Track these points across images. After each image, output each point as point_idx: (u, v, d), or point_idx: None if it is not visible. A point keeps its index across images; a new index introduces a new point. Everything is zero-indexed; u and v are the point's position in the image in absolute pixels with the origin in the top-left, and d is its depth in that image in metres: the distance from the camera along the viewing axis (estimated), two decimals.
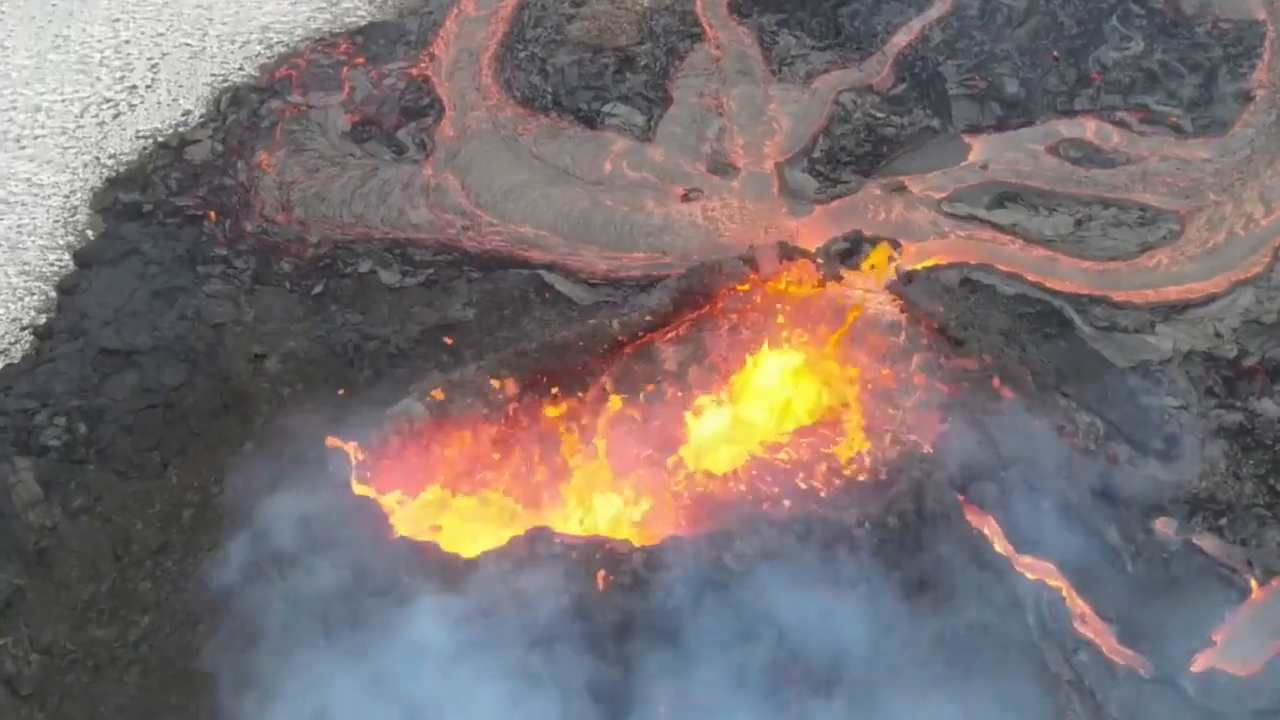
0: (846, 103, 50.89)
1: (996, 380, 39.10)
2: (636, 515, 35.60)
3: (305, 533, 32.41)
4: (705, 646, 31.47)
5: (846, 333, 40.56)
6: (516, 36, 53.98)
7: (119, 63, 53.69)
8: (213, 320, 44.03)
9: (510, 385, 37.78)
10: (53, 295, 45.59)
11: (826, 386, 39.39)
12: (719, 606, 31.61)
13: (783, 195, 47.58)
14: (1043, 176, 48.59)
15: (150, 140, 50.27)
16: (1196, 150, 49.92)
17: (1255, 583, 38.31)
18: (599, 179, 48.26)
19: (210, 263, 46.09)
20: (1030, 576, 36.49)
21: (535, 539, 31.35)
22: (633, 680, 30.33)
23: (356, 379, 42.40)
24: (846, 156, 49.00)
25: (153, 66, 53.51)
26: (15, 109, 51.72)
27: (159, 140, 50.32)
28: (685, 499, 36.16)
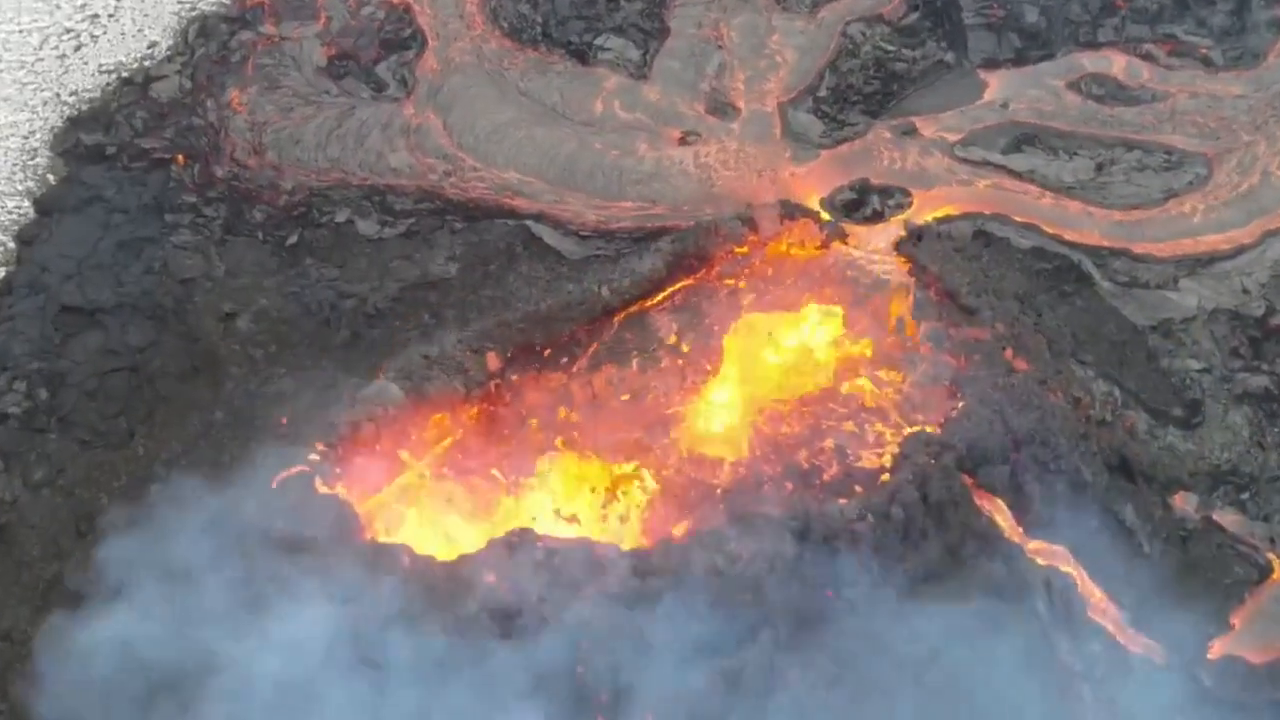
0: (855, 34, 47.72)
1: (1009, 352, 36.68)
2: (625, 506, 33.41)
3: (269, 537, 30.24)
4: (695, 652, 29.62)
5: (851, 299, 37.92)
6: None
7: None
8: (181, 275, 41.60)
9: (493, 359, 35.35)
10: (11, 246, 43.13)
11: (829, 357, 36.93)
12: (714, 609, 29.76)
13: (786, 139, 44.71)
14: (1064, 116, 45.72)
15: (114, 75, 47.30)
16: (1228, 85, 47.01)
17: (1277, 561, 36.47)
18: (589, 120, 45.39)
19: (178, 211, 43.47)
20: (1041, 562, 34.52)
21: (517, 544, 29.16)
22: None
23: (332, 340, 40.14)
24: (854, 95, 46.05)
25: None
26: None
27: (123, 76, 47.34)
28: (678, 482, 33.97)
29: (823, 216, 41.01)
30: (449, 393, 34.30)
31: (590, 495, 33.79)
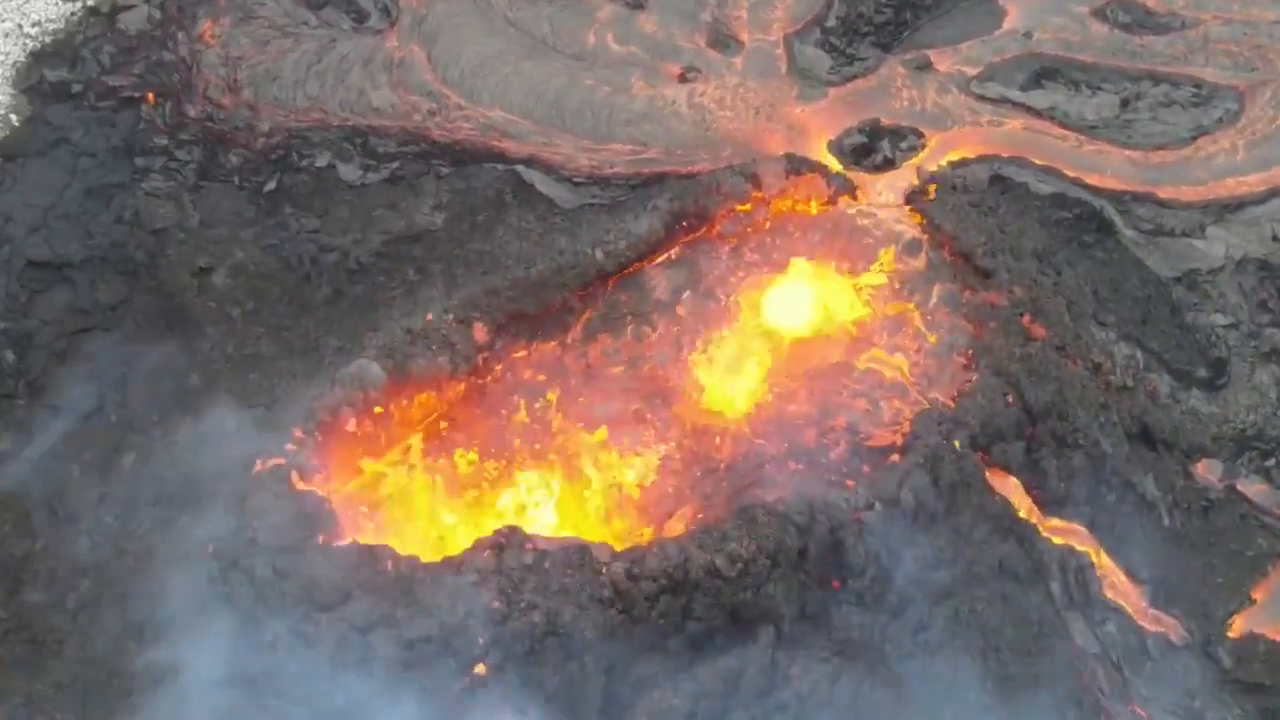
0: None
1: (1027, 318, 34.60)
2: (620, 493, 31.67)
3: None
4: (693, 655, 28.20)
5: (860, 259, 35.71)
6: None
7: None
8: (153, 225, 39.36)
9: (480, 331, 33.28)
10: None
11: (838, 323, 34.88)
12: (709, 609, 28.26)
13: (791, 75, 41.99)
14: (1089, 48, 42.92)
15: (78, 5, 44.30)
16: (1264, 9, 44.03)
17: None
18: (580, 53, 42.60)
19: (149, 154, 40.97)
20: (1056, 541, 33.02)
21: (505, 545, 27.47)
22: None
23: (313, 297, 38.12)
24: (865, 25, 43.08)
25: None
26: None
27: (88, 5, 44.28)
28: (679, 459, 32.23)
29: (831, 166, 38.50)
30: (433, 370, 32.25)
31: (583, 480, 32.02)
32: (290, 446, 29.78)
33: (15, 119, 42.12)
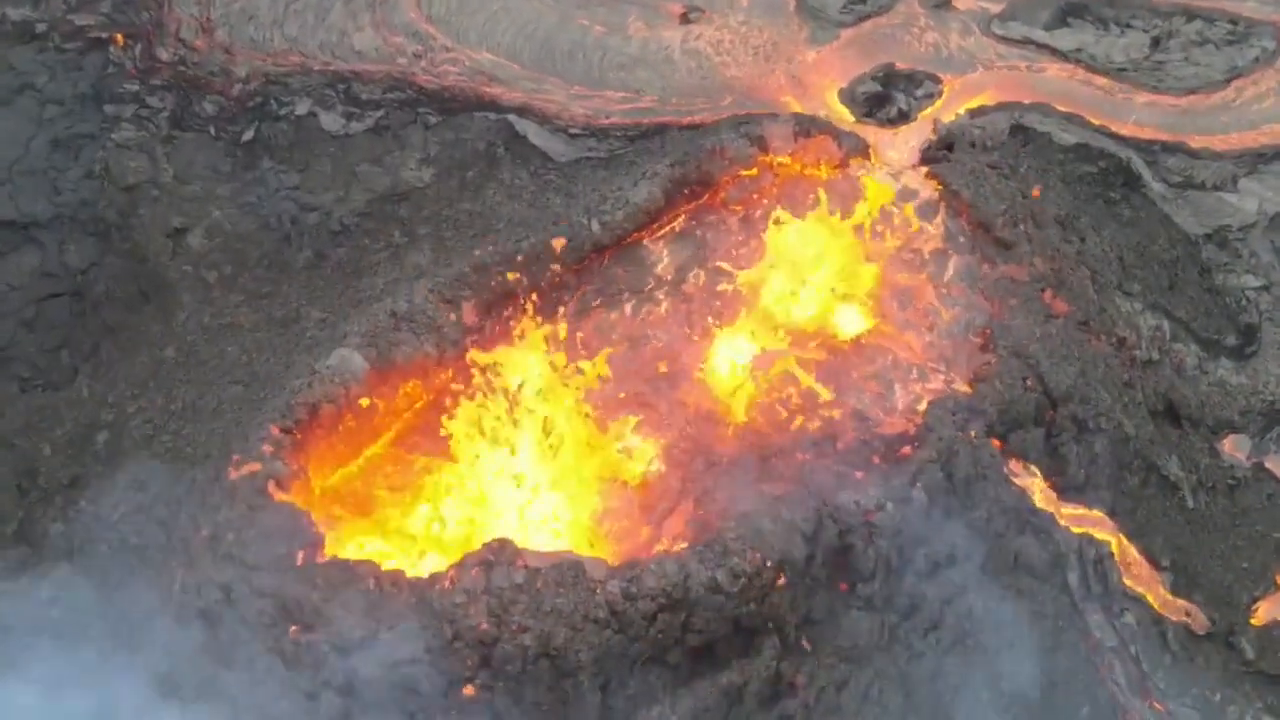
0: None
1: (1048, 293, 32.59)
2: (615, 491, 29.99)
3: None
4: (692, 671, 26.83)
5: (872, 228, 33.55)
6: None
7: None
8: (125, 181, 37.21)
9: (469, 312, 31.24)
10: None
11: (850, 299, 32.92)
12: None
13: (801, 14, 39.38)
14: None
15: None
16: None
17: None
18: None
19: (120, 101, 38.61)
20: (1075, 530, 31.43)
21: (494, 561, 25.86)
22: None
23: (294, 261, 36.16)
24: None
25: None
26: None
27: None
28: (678, 451, 30.52)
29: (842, 117, 36.10)
30: (419, 357, 30.28)
31: (577, 474, 30.35)
32: (267, 448, 27.93)
33: None
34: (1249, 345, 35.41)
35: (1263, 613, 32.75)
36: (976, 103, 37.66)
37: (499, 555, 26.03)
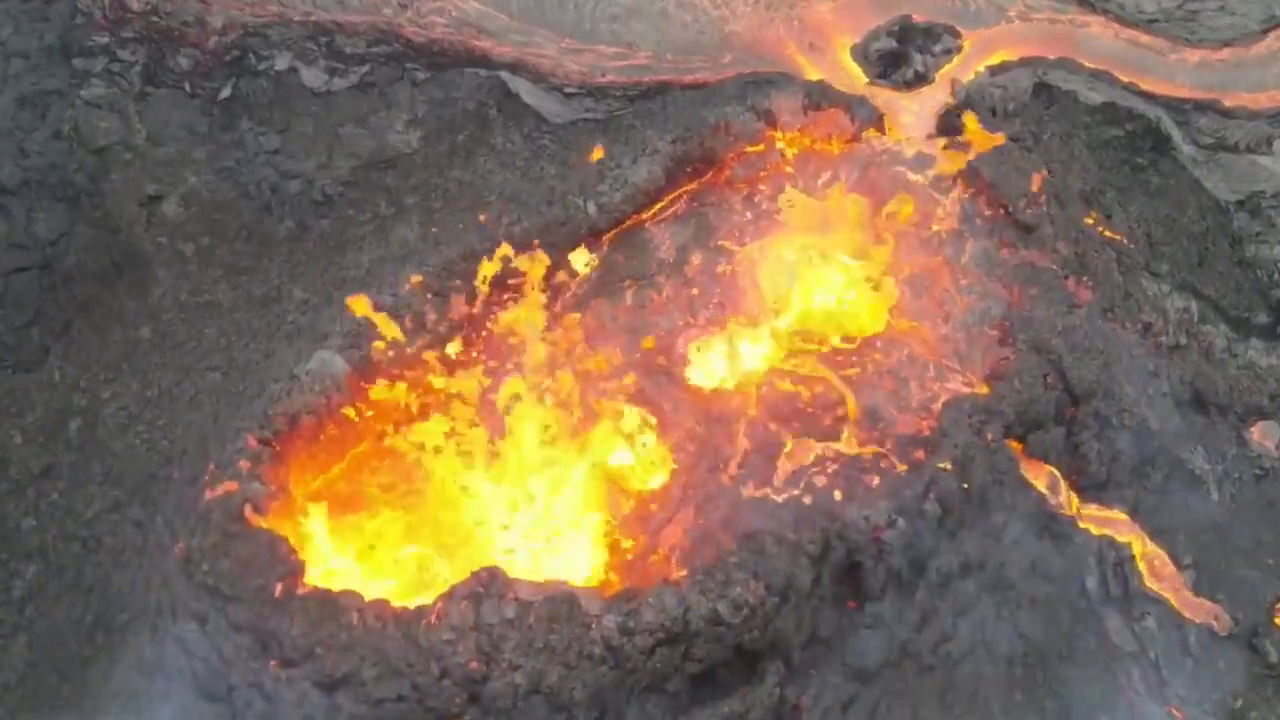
0: None
1: (1071, 281, 30.71)
2: (612, 498, 28.44)
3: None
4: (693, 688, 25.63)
5: (886, 206, 31.51)
6: None
7: None
8: (95, 142, 35.20)
9: (458, 304, 29.40)
10: None
11: (860, 285, 31.06)
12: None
13: None
14: None
15: None
16: None
17: None
18: None
19: (89, 55, 36.44)
20: (1095, 533, 30.09)
21: (484, 594, 24.41)
22: None
23: (275, 232, 34.30)
24: None
25: None
26: None
27: None
28: (680, 453, 28.91)
29: (855, 78, 33.79)
30: (405, 357, 28.54)
31: (571, 478, 28.80)
32: (244, 464, 26.37)
33: None
34: None
35: None
36: (997, 58, 35.40)
37: (488, 587, 24.59)
